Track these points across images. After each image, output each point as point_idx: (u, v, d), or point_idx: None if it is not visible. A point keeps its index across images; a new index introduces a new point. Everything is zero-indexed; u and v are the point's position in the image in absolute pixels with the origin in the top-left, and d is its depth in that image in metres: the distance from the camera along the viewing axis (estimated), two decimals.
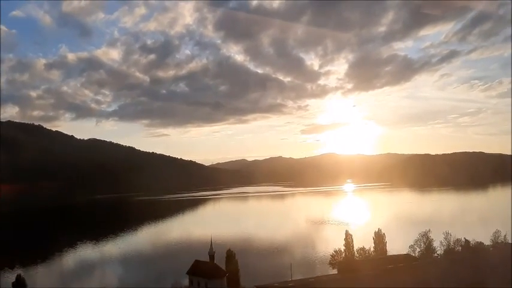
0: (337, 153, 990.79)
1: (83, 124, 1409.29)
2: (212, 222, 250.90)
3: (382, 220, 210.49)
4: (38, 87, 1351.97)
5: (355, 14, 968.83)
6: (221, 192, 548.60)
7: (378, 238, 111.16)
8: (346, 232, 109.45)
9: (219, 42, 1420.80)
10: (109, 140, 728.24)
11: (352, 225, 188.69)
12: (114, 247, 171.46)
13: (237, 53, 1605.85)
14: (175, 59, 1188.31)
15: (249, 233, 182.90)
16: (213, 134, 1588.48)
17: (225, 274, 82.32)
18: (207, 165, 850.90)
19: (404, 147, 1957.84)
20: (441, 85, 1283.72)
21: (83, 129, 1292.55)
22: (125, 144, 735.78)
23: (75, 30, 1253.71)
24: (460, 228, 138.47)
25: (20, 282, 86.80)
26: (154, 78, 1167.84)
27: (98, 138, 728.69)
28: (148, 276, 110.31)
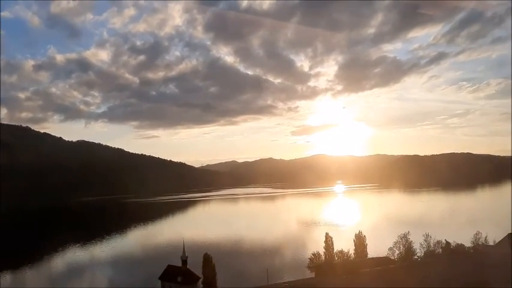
0: (327, 155, 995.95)
1: (71, 126, 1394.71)
2: (199, 224, 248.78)
3: (367, 221, 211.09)
4: (26, 88, 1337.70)
5: (344, 15, 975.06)
6: (211, 194, 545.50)
7: (359, 240, 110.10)
8: (326, 234, 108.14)
9: (209, 43, 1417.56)
10: (98, 141, 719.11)
11: (337, 227, 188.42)
12: (98, 250, 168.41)
13: (227, 54, 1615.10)
14: (165, 60, 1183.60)
15: (233, 235, 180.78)
16: (203, 135, 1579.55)
17: (198, 279, 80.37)
18: (197, 167, 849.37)
19: (394, 148, 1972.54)
20: (430, 86, 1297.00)
21: (72, 131, 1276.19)
22: (114, 146, 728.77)
23: (63, 31, 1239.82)
24: (444, 230, 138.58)
25: None
26: (143, 79, 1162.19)
27: (87, 140, 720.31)
28: (121, 281, 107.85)
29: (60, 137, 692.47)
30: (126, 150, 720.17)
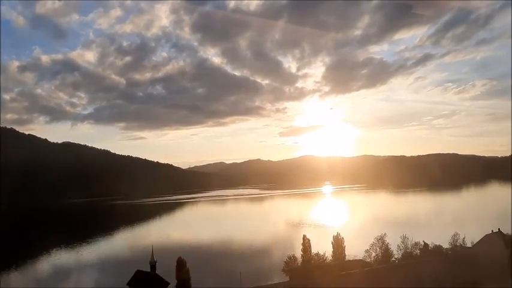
0: (315, 156, 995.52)
1: (57, 127, 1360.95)
2: (182, 227, 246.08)
3: (351, 222, 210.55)
4: (11, 90, 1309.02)
5: (331, 17, 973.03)
6: (199, 195, 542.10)
7: (337, 242, 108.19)
8: (303, 236, 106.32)
9: (196, 44, 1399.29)
10: (84, 143, 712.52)
11: (320, 228, 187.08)
12: (75, 254, 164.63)
13: (214, 55, 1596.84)
14: (152, 61, 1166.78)
15: (214, 238, 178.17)
16: (190, 136, 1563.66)
17: (167, 284, 78.00)
18: (184, 168, 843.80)
19: (381, 149, 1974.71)
20: (416, 88, 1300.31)
21: (58, 133, 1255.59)
22: (101, 148, 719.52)
23: (49, 32, 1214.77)
24: (425, 230, 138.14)
25: None
26: (130, 80, 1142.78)
27: (73, 141, 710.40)
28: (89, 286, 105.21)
29: (46, 139, 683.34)
30: (112, 151, 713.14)
